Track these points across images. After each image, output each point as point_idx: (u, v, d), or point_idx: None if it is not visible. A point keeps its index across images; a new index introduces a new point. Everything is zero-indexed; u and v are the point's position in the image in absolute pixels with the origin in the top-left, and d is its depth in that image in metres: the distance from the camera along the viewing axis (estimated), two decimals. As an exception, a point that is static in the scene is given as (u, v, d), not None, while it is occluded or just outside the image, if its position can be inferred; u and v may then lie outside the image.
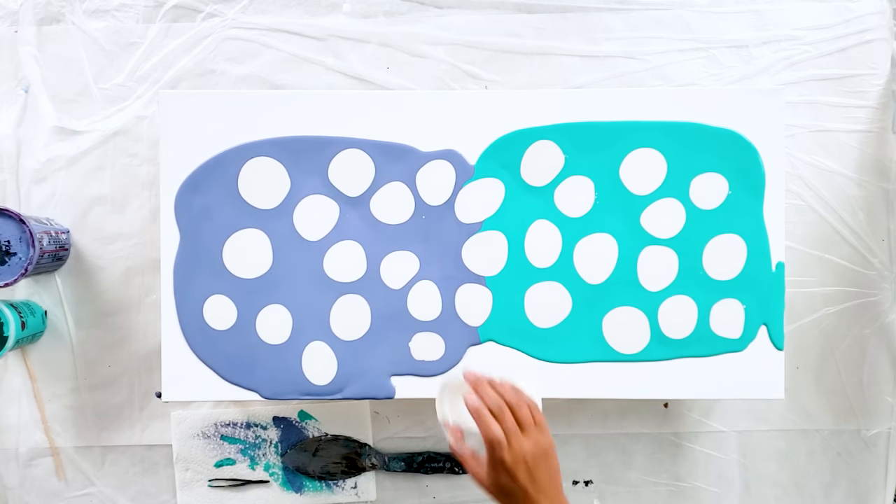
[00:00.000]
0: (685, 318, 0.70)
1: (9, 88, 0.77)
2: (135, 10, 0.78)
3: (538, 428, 0.55)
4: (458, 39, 0.78)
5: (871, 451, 0.78)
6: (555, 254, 0.70)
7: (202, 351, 0.69)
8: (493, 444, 0.54)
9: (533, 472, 0.53)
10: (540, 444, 0.54)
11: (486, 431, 0.54)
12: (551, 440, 0.56)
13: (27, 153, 0.77)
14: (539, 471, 0.53)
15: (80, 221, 0.77)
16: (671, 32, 0.78)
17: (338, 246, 0.70)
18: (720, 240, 0.70)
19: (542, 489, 0.53)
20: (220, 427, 0.77)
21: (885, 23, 0.78)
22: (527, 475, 0.53)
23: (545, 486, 0.54)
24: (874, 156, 0.78)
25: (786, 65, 0.78)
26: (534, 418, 0.56)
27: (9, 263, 0.69)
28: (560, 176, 0.70)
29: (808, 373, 0.78)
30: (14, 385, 0.77)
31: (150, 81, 0.77)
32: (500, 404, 0.55)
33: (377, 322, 0.70)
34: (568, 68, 0.78)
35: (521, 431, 0.55)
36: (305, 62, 0.78)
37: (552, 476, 0.54)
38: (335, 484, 0.77)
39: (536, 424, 0.56)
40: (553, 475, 0.55)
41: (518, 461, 0.53)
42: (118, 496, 0.78)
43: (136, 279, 0.77)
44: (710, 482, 0.78)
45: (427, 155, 0.70)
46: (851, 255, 0.78)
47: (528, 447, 0.54)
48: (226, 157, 0.69)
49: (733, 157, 0.69)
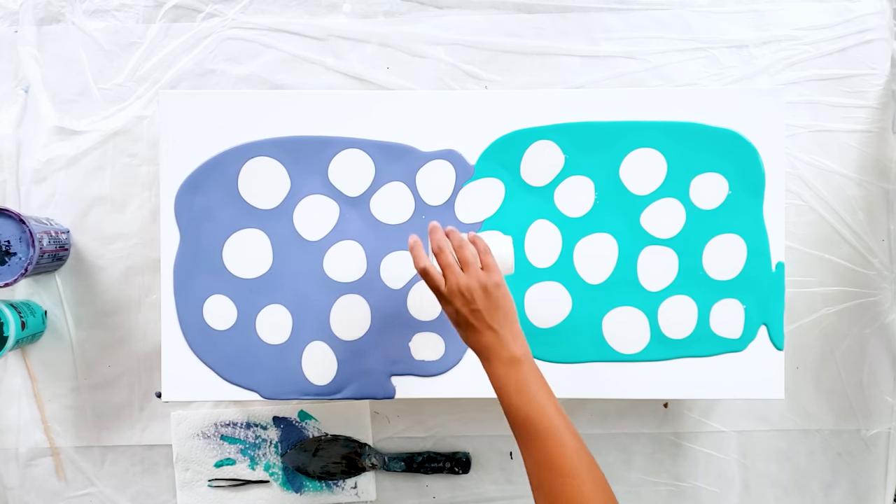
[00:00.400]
0: (685, 318, 0.70)
1: (9, 88, 0.77)
2: (135, 10, 0.78)
3: (486, 270, 0.59)
4: (458, 39, 0.78)
5: (871, 451, 0.78)
6: (555, 254, 0.70)
7: (202, 351, 0.69)
8: (421, 275, 0.59)
9: (471, 303, 0.57)
10: (480, 280, 0.57)
11: (415, 263, 0.59)
12: (498, 281, 0.58)
13: (27, 153, 0.77)
14: (478, 303, 0.57)
15: (80, 221, 0.77)
16: (671, 32, 0.78)
17: (338, 246, 0.70)
18: (720, 240, 0.70)
19: (484, 319, 0.57)
20: (220, 427, 0.77)
21: (885, 23, 0.78)
22: (465, 306, 0.57)
23: (488, 316, 0.57)
24: (874, 156, 0.78)
25: (786, 65, 0.78)
26: (483, 262, 0.59)
27: (9, 263, 0.69)
28: (560, 176, 0.70)
29: (808, 373, 0.78)
30: (14, 385, 0.77)
31: (150, 81, 0.77)
32: (440, 243, 0.59)
33: (377, 322, 0.70)
34: (568, 68, 0.78)
35: (463, 269, 0.58)
36: (305, 62, 0.78)
37: (494, 309, 0.57)
38: (335, 484, 0.77)
39: (484, 267, 0.59)
40: (494, 309, 0.57)
41: (454, 292, 0.57)
42: (118, 496, 0.78)
43: (136, 279, 0.77)
44: (710, 482, 0.78)
45: (427, 155, 0.70)
46: (851, 255, 0.78)
47: (463, 281, 0.57)
48: (226, 157, 0.69)
49: (733, 157, 0.69)
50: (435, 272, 0.59)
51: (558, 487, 0.50)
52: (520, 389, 0.55)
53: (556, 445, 0.52)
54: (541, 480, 0.52)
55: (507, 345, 0.56)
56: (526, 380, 0.55)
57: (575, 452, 0.52)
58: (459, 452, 0.77)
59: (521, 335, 0.58)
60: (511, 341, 0.57)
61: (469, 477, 0.78)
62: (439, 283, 0.58)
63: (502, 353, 0.56)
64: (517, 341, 0.57)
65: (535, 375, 0.56)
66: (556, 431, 0.52)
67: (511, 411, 0.55)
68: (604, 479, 0.51)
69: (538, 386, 0.55)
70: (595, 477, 0.51)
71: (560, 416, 0.53)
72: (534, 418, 0.53)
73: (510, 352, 0.56)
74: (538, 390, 0.55)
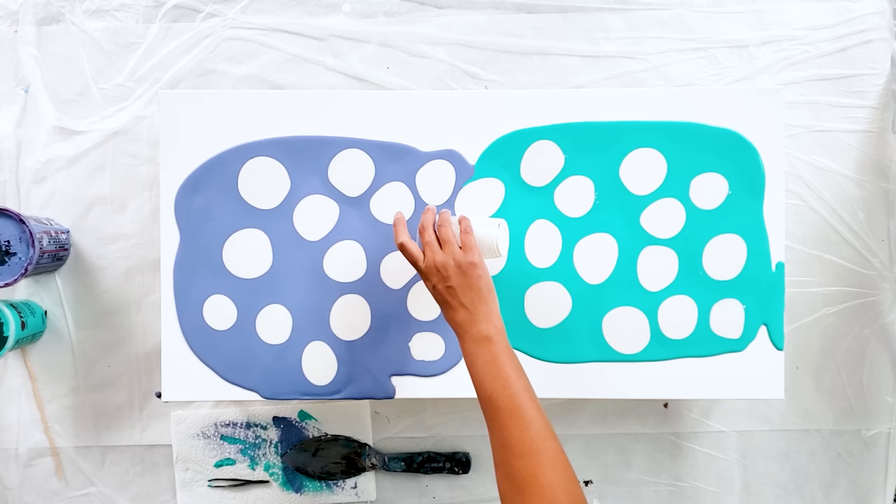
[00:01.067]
0: (685, 319, 0.70)
1: (9, 88, 0.77)
2: (135, 10, 0.78)
3: (464, 249, 0.60)
4: (458, 39, 0.78)
5: (871, 451, 0.78)
6: (555, 254, 0.70)
7: (202, 351, 0.69)
8: (400, 249, 0.62)
9: (447, 280, 0.59)
10: (456, 257, 0.60)
11: (395, 238, 0.62)
12: (474, 261, 0.60)
13: (27, 153, 0.77)
14: (452, 280, 0.59)
15: (80, 221, 0.77)
16: (671, 32, 0.78)
17: (338, 246, 0.70)
18: (720, 240, 0.70)
19: (457, 296, 0.59)
20: (220, 427, 0.77)
21: (885, 23, 0.78)
22: (441, 283, 0.59)
23: (461, 293, 0.59)
24: (874, 156, 0.78)
25: (786, 65, 0.78)
26: (462, 242, 0.61)
27: (9, 263, 0.69)
28: (560, 176, 0.70)
29: (808, 373, 0.78)
30: (14, 385, 0.77)
31: (150, 81, 0.77)
32: (424, 222, 0.63)
33: (377, 322, 0.70)
34: (568, 68, 0.78)
35: (442, 247, 0.61)
36: (305, 62, 0.78)
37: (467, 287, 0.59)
38: (335, 484, 0.77)
39: (463, 246, 0.61)
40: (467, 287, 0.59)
41: (430, 268, 0.60)
42: (118, 496, 0.78)
43: (136, 279, 0.77)
44: (710, 482, 0.78)
45: (427, 155, 0.70)
46: (851, 255, 0.78)
47: (440, 257, 0.60)
48: (226, 157, 0.69)
49: (733, 157, 0.69)
50: (413, 247, 0.61)
51: (516, 467, 0.50)
52: (486, 367, 0.55)
53: (517, 425, 0.52)
54: (500, 459, 0.51)
55: (477, 323, 0.57)
56: (494, 358, 0.55)
57: (536, 433, 0.51)
58: (459, 452, 0.77)
59: (495, 315, 0.58)
60: (482, 320, 0.57)
61: (469, 477, 0.78)
62: (417, 258, 0.61)
63: (472, 330, 0.57)
64: (490, 320, 0.58)
65: (505, 355, 0.56)
66: (520, 411, 0.52)
67: (477, 388, 0.56)
68: (567, 463, 0.51)
69: (507, 365, 0.55)
70: (555, 460, 0.50)
71: (527, 396, 0.53)
72: (498, 397, 0.53)
73: (480, 330, 0.57)
74: (505, 369, 0.55)
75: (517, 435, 0.51)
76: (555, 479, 0.49)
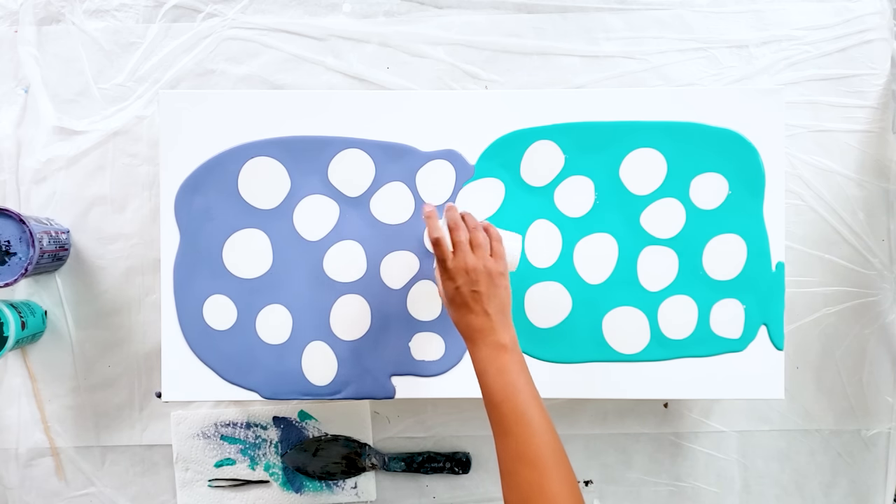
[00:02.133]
0: (685, 319, 0.70)
1: (9, 88, 0.77)
2: (135, 10, 0.78)
3: (494, 258, 0.60)
4: (458, 39, 0.78)
5: (871, 451, 0.78)
6: (555, 254, 0.70)
7: (202, 351, 0.69)
8: (434, 244, 0.60)
9: (474, 284, 0.58)
10: (487, 265, 0.59)
11: (430, 232, 0.60)
12: (502, 272, 0.59)
13: (27, 153, 0.77)
14: (481, 285, 0.58)
15: (80, 221, 0.77)
16: (671, 32, 0.78)
17: (338, 246, 0.70)
18: (720, 240, 0.70)
19: (481, 302, 0.58)
20: (220, 427, 0.77)
21: (885, 23, 0.78)
22: (467, 286, 0.58)
23: (486, 300, 0.58)
24: (874, 156, 0.78)
25: (786, 65, 0.78)
26: (493, 249, 0.60)
27: (9, 263, 0.69)
28: (560, 176, 0.70)
29: (808, 373, 0.78)
30: (14, 385, 0.77)
31: (150, 81, 0.77)
32: (456, 221, 0.60)
33: (377, 322, 0.70)
34: (568, 68, 0.78)
35: (473, 251, 0.59)
36: (305, 62, 0.78)
37: (493, 295, 0.58)
38: (335, 484, 0.77)
39: (493, 254, 0.60)
40: (493, 296, 0.58)
41: (459, 269, 0.58)
42: (118, 496, 0.78)
43: (136, 279, 0.77)
44: (710, 482, 0.78)
45: (427, 155, 0.70)
46: (851, 255, 0.78)
47: (471, 261, 0.58)
48: (226, 157, 0.69)
49: (733, 157, 0.69)
50: (447, 244, 0.60)
51: (523, 475, 0.50)
52: (500, 373, 0.55)
53: (527, 434, 0.52)
54: (508, 467, 0.51)
55: (497, 331, 0.57)
56: (508, 366, 0.55)
57: (545, 444, 0.51)
58: (459, 452, 0.77)
59: (512, 328, 0.58)
60: (501, 329, 0.57)
61: (469, 477, 0.78)
62: (448, 256, 0.59)
63: (490, 337, 0.57)
64: (508, 331, 0.58)
65: (518, 364, 0.56)
66: (530, 420, 0.52)
67: (488, 394, 0.55)
68: (572, 476, 0.51)
69: (520, 374, 0.55)
70: (562, 471, 0.50)
71: (537, 407, 0.53)
72: (509, 404, 0.53)
73: (498, 338, 0.57)
74: (518, 378, 0.55)
75: (526, 444, 0.51)
76: (560, 489, 0.49)
